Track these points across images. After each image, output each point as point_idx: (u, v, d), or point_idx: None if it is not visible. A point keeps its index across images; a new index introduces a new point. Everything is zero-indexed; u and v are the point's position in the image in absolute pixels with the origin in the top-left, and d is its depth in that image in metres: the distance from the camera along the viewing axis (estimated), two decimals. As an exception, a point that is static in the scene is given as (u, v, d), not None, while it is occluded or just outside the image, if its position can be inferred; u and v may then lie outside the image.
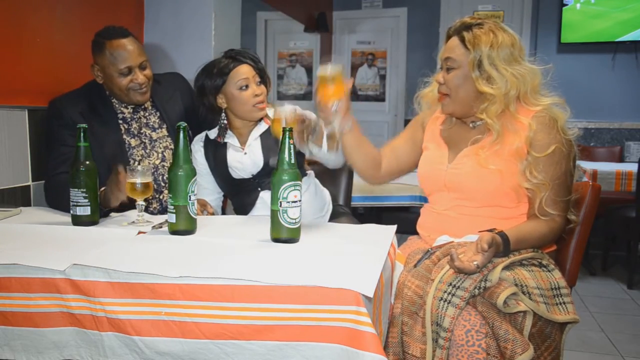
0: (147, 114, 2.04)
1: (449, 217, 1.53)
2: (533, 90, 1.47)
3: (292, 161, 1.34)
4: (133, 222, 1.56)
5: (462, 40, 1.47)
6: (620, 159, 4.80)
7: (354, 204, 2.59)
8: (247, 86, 1.87)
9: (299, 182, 1.34)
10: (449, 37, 1.53)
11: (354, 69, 6.08)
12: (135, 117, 2.01)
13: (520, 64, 1.46)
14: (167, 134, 2.05)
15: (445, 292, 1.28)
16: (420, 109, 1.72)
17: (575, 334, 2.66)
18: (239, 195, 1.98)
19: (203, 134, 2.00)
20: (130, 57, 1.89)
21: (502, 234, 1.35)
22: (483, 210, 1.49)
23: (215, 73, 1.88)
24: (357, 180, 2.31)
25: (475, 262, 1.28)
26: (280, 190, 1.32)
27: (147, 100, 2.00)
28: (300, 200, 1.35)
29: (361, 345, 1.01)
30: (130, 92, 1.92)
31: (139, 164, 1.95)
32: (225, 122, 1.95)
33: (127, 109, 2.00)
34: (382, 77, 5.98)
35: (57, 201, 1.79)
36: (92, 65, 1.94)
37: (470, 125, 1.56)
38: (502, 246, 1.34)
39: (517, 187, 1.45)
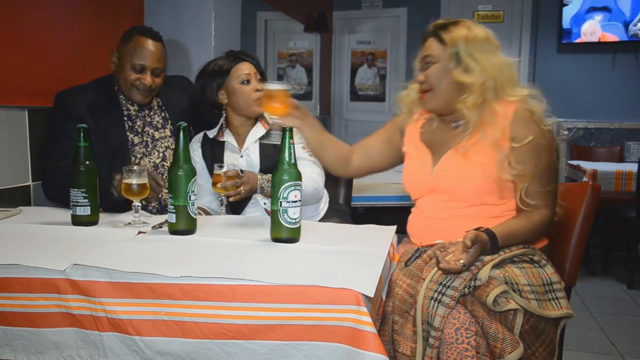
0: (152, 113, 2.06)
1: (438, 221, 1.53)
2: (509, 82, 1.49)
3: (292, 161, 1.34)
4: (129, 223, 1.55)
5: (439, 38, 1.50)
6: (620, 159, 4.79)
7: (354, 204, 2.59)
8: (248, 81, 1.91)
9: (299, 182, 1.34)
10: (424, 39, 1.56)
11: (354, 69, 6.08)
12: (140, 115, 2.03)
13: (496, 55, 1.49)
14: (169, 134, 2.08)
15: (435, 291, 1.28)
16: (400, 110, 1.72)
17: (575, 334, 2.66)
18: None
19: (201, 134, 2.02)
20: (149, 57, 1.93)
21: (488, 231, 1.35)
22: (471, 210, 1.49)
23: (217, 70, 1.92)
24: (357, 180, 2.32)
25: (461, 261, 1.28)
26: (281, 190, 1.32)
27: (144, 103, 2.01)
28: (300, 200, 1.35)
29: (362, 345, 1.01)
30: (132, 88, 1.95)
31: (139, 162, 1.96)
32: (224, 120, 1.96)
33: (133, 106, 2.02)
34: (382, 77, 5.97)
35: (60, 195, 1.78)
36: (113, 51, 1.98)
37: (453, 125, 1.56)
38: (488, 243, 1.34)
39: (499, 180, 1.46)
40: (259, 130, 1.96)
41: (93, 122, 1.88)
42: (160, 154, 2.03)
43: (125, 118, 1.99)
